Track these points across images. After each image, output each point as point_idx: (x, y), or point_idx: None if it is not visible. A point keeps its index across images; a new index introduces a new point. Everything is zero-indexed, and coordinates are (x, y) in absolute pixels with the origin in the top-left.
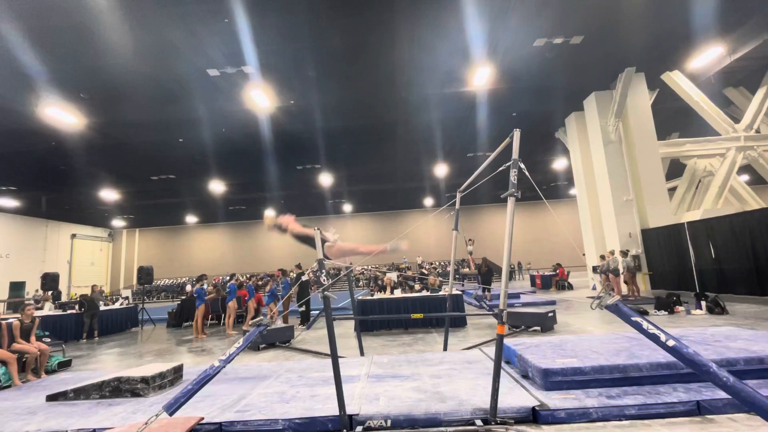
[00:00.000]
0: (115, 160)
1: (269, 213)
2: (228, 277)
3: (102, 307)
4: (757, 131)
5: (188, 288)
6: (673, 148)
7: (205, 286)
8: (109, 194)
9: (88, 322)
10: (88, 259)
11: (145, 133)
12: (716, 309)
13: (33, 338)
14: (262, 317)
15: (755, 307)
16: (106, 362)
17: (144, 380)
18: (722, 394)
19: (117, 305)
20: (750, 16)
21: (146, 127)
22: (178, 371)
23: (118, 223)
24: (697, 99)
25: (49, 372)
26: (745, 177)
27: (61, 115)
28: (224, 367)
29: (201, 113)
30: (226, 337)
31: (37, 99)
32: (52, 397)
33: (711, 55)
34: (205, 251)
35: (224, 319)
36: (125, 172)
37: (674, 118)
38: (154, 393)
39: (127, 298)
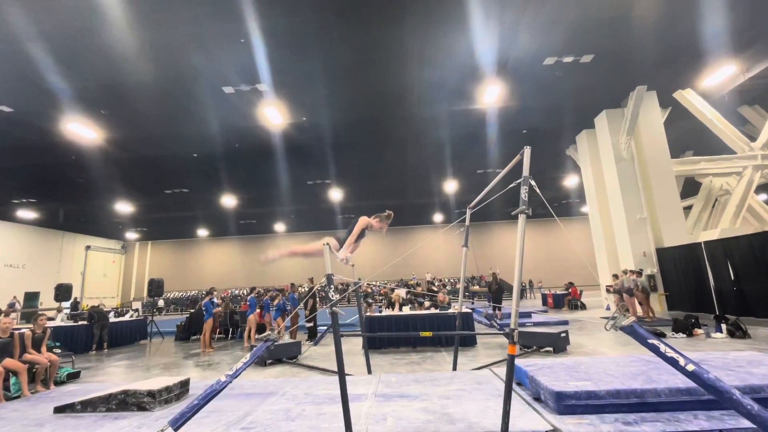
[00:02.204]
0: (131, 174)
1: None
2: (249, 290)
3: (112, 319)
4: None
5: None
6: (688, 166)
7: (214, 300)
8: (123, 207)
9: (98, 334)
10: (101, 270)
11: (160, 147)
12: (737, 332)
13: (44, 349)
14: (269, 332)
15: None
16: (114, 374)
17: (150, 394)
18: (747, 423)
19: (127, 317)
20: (763, 34)
21: (162, 141)
22: (184, 385)
23: (131, 235)
24: (711, 117)
25: (58, 383)
26: (764, 196)
27: (82, 130)
28: (230, 382)
29: (215, 129)
30: (234, 351)
31: (60, 115)
32: (59, 409)
33: (724, 74)
34: (215, 264)
35: (231, 334)
36: (140, 185)
37: (688, 135)
38: (160, 407)
39: (137, 310)
